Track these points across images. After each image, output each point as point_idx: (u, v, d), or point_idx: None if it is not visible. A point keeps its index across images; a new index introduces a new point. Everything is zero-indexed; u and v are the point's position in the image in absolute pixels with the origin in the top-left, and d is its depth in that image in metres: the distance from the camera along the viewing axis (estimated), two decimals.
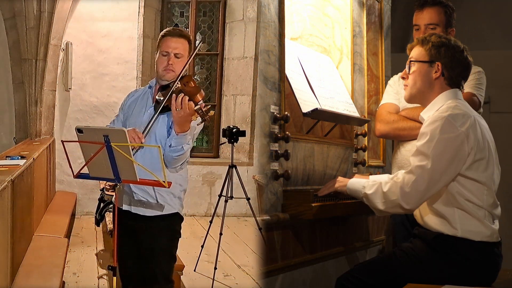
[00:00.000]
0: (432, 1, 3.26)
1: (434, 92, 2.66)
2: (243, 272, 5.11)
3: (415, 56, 2.70)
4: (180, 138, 2.52)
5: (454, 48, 2.63)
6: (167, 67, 2.65)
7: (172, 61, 2.65)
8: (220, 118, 8.11)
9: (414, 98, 2.73)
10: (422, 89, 2.68)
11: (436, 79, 2.64)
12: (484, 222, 2.54)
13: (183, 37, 2.69)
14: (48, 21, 7.02)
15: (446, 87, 2.64)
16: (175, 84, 2.59)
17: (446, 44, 2.63)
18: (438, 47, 2.63)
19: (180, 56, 2.67)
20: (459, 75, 2.65)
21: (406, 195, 2.53)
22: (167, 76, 2.66)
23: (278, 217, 2.77)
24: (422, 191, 2.51)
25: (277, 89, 2.86)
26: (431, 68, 2.64)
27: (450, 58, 2.62)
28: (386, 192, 2.59)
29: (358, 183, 2.75)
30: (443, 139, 2.48)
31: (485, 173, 2.53)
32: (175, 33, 2.70)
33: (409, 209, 2.57)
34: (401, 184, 2.54)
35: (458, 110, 2.54)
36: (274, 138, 2.82)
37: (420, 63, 2.67)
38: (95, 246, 5.90)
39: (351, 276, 2.71)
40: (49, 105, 7.31)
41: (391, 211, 2.66)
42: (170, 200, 2.70)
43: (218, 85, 8.12)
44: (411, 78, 2.70)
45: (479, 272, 2.52)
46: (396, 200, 2.56)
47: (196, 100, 2.52)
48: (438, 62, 2.63)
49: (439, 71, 2.63)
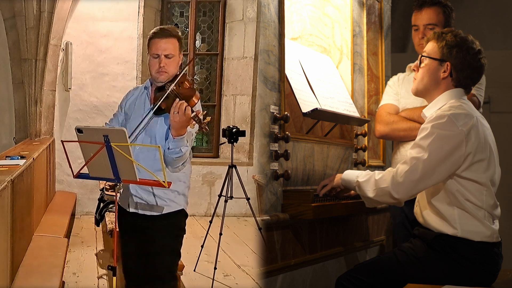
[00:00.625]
0: (431, 1, 3.26)
1: (439, 90, 2.65)
2: (243, 272, 5.11)
3: (428, 51, 2.68)
4: (177, 142, 2.52)
5: (467, 50, 2.60)
6: (159, 70, 2.64)
7: (163, 63, 2.63)
8: (220, 118, 8.10)
9: (420, 93, 2.73)
10: (428, 86, 2.67)
11: (444, 79, 2.63)
12: (484, 222, 2.54)
13: (171, 36, 2.65)
14: (48, 21, 7.02)
15: (451, 87, 2.63)
16: (170, 87, 2.58)
17: (459, 44, 2.60)
18: (451, 47, 2.60)
19: (171, 56, 2.64)
20: (468, 78, 2.63)
21: (397, 184, 2.52)
22: (160, 78, 2.65)
23: (278, 217, 2.77)
24: (413, 182, 2.50)
25: (277, 89, 2.86)
26: (440, 67, 2.63)
27: (461, 60, 2.60)
28: (378, 180, 2.59)
29: (353, 174, 2.78)
30: (442, 135, 2.48)
31: (485, 174, 2.53)
32: (163, 34, 2.65)
33: (398, 198, 2.56)
34: (393, 173, 2.55)
35: (461, 110, 2.54)
36: (274, 138, 2.82)
37: (431, 60, 2.66)
38: (95, 246, 5.90)
39: (351, 276, 2.71)
40: (49, 105, 7.31)
41: (380, 200, 2.64)
42: (175, 197, 2.70)
43: (218, 85, 8.12)
44: (420, 72, 2.69)
45: (479, 272, 2.52)
46: (386, 188, 2.55)
47: (192, 103, 2.52)
48: (448, 62, 2.61)
49: (447, 71, 2.62)
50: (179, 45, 2.68)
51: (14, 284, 3.55)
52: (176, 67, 2.66)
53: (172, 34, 2.65)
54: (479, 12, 5.26)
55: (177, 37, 2.68)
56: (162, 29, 2.68)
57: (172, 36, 2.65)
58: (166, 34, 2.65)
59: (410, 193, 2.57)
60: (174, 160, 2.57)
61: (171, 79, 2.64)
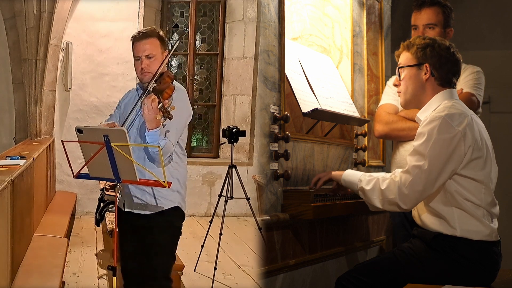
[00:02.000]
0: (430, 1, 3.26)
1: (427, 94, 2.67)
2: (243, 272, 5.11)
3: (403, 62, 2.71)
4: (152, 135, 2.54)
5: (439, 46, 2.64)
6: (142, 71, 2.69)
7: (144, 64, 2.67)
8: (220, 118, 8.11)
9: (410, 103, 2.75)
10: (415, 93, 2.69)
11: (427, 81, 2.65)
12: (483, 221, 2.54)
13: (149, 37, 2.69)
14: (48, 21, 7.02)
15: (438, 88, 2.65)
16: (151, 85, 2.62)
17: (430, 44, 2.65)
18: (423, 49, 2.64)
19: (151, 55, 2.68)
20: (449, 72, 2.65)
21: (404, 195, 2.54)
22: (145, 78, 2.69)
23: (278, 217, 2.77)
24: (419, 192, 2.53)
25: (277, 89, 2.86)
26: (420, 71, 2.66)
27: (437, 57, 2.63)
28: (384, 190, 2.60)
29: (354, 175, 2.78)
30: (440, 139, 2.48)
31: (483, 171, 2.54)
32: (140, 36, 2.70)
33: (406, 208, 2.60)
34: (399, 184, 2.55)
35: (455, 109, 2.54)
36: (274, 138, 2.82)
37: (408, 68, 2.68)
38: (95, 246, 5.90)
39: (351, 276, 2.71)
40: (49, 105, 7.31)
41: (387, 209, 2.68)
42: (168, 194, 2.71)
43: (218, 85, 8.12)
44: (403, 84, 2.71)
45: (478, 272, 2.53)
46: (394, 199, 2.57)
47: (165, 96, 2.55)
48: (426, 64, 2.64)
49: (428, 72, 2.64)
50: (160, 44, 2.72)
51: (14, 284, 3.55)
52: (158, 65, 2.68)
53: (149, 34, 2.70)
54: (479, 12, 5.26)
55: (156, 37, 2.71)
56: (140, 32, 2.74)
57: (150, 37, 2.70)
58: (144, 36, 2.70)
59: (418, 201, 2.60)
60: (155, 154, 2.58)
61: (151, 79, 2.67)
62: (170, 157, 2.68)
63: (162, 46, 2.72)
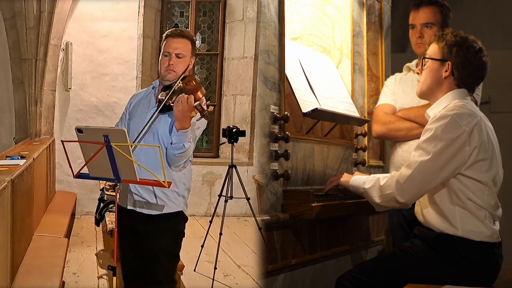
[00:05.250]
0: (428, 1, 3.27)
1: (442, 91, 2.67)
2: (243, 272, 5.11)
3: (429, 53, 2.71)
4: (180, 135, 2.52)
5: (467, 48, 2.62)
6: (168, 68, 2.66)
7: (173, 61, 2.66)
8: (220, 118, 8.10)
9: (424, 95, 2.75)
10: (431, 87, 2.69)
11: (446, 78, 2.65)
12: (484, 222, 2.54)
13: (184, 37, 2.70)
14: (48, 21, 7.01)
15: (454, 87, 2.65)
16: (177, 84, 2.60)
17: (459, 43, 2.63)
18: (450, 46, 2.63)
19: (181, 56, 2.67)
20: (470, 76, 2.64)
21: (401, 188, 2.54)
22: (168, 76, 2.67)
23: (278, 217, 2.77)
24: (417, 185, 2.52)
25: (277, 89, 2.86)
26: (442, 67, 2.65)
27: (462, 59, 2.62)
28: (383, 185, 2.61)
29: (360, 179, 2.79)
30: (446, 138, 2.48)
31: (488, 173, 2.53)
32: (176, 33, 2.70)
33: (403, 202, 2.58)
34: (397, 177, 2.56)
35: (465, 109, 2.54)
36: (274, 138, 2.82)
37: (432, 61, 2.68)
38: (95, 246, 5.90)
39: (351, 276, 2.71)
40: (49, 105, 7.31)
41: (386, 205, 2.68)
42: (174, 198, 2.69)
43: (218, 85, 8.12)
44: (423, 74, 2.72)
45: (479, 272, 2.52)
46: (391, 193, 2.57)
47: (197, 97, 2.54)
48: (449, 62, 2.63)
49: (449, 71, 2.64)
50: (191, 47, 2.71)
51: (14, 284, 3.55)
52: (185, 67, 2.68)
53: (185, 35, 2.71)
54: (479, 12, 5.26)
55: (190, 39, 2.72)
56: (177, 29, 2.75)
57: (185, 37, 2.70)
58: (179, 34, 2.70)
59: (415, 197, 2.59)
60: (176, 157, 2.56)
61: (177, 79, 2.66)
62: (186, 162, 2.65)
63: (193, 50, 2.73)
